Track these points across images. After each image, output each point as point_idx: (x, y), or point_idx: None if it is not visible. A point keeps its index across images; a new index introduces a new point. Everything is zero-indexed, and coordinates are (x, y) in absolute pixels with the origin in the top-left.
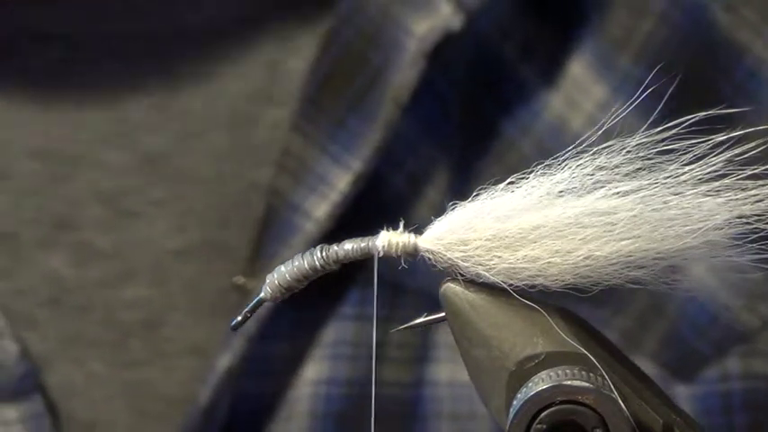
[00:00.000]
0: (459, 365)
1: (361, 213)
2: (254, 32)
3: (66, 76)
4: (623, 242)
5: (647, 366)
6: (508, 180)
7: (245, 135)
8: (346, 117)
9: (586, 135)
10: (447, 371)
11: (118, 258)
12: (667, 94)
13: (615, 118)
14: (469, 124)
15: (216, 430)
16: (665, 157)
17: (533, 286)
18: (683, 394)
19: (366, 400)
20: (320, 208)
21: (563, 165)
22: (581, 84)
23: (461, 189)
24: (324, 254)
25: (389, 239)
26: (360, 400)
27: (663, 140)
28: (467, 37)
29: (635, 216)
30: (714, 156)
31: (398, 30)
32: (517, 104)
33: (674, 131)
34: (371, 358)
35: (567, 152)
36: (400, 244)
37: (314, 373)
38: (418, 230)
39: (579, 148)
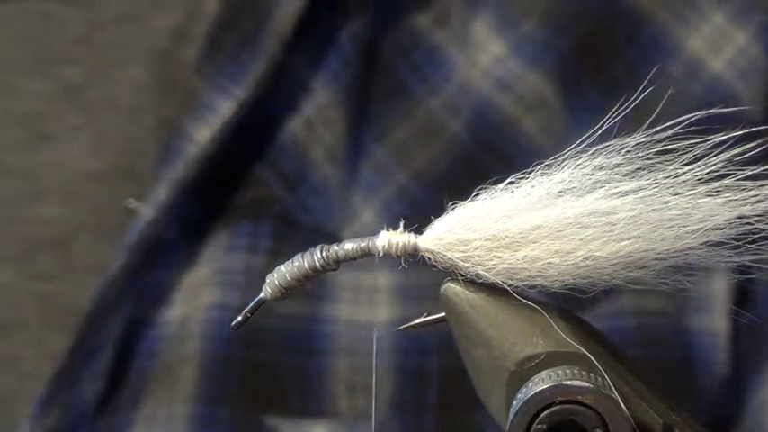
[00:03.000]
0: (360, 307)
1: (261, 153)
2: None
3: None
4: (623, 242)
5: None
6: (508, 180)
7: (162, 70)
8: (239, 52)
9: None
10: (347, 311)
11: (32, 178)
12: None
13: (617, 117)
14: (380, 83)
15: (102, 342)
16: (664, 157)
17: (533, 286)
18: None
19: (256, 327)
20: (203, 132)
21: (562, 165)
22: (481, 42)
23: (366, 139)
24: (324, 254)
25: (390, 239)
26: (251, 326)
27: (662, 140)
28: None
29: (634, 216)
30: (714, 156)
31: None
32: (429, 68)
33: (673, 131)
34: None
35: (566, 152)
36: (400, 244)
37: (208, 299)
38: (418, 230)
39: (579, 148)
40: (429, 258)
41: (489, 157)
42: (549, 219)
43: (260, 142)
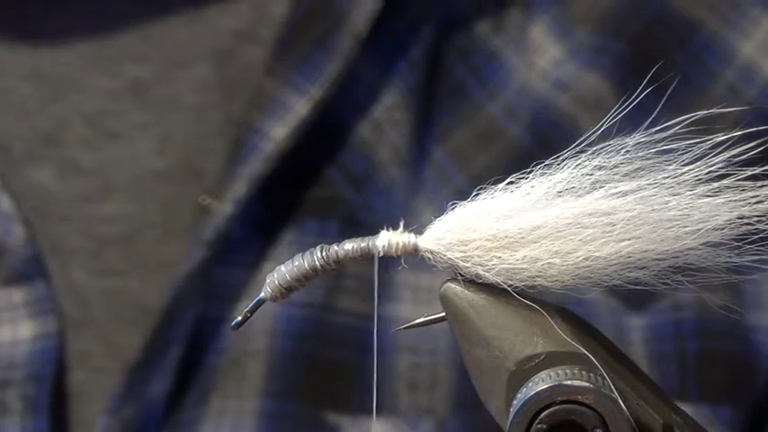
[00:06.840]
0: (420, 307)
1: (329, 154)
2: None
3: (59, 4)
4: (623, 243)
5: (603, 298)
6: (508, 180)
7: (227, 69)
8: (312, 53)
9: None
10: (407, 310)
11: (100, 175)
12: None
13: (619, 114)
14: (439, 85)
15: (177, 336)
16: (664, 157)
17: (533, 287)
18: (636, 323)
19: (321, 323)
20: (279, 130)
21: (562, 164)
22: (539, 45)
23: (426, 141)
24: (324, 254)
25: (390, 239)
26: (316, 322)
27: (662, 140)
28: (437, 5)
29: (634, 217)
30: (714, 156)
31: None
32: (488, 72)
33: (672, 131)
34: (326, 285)
35: (566, 152)
36: (400, 244)
37: None
38: (418, 230)
39: (578, 148)
40: (429, 258)
41: (548, 155)
42: (549, 219)
43: (328, 142)
